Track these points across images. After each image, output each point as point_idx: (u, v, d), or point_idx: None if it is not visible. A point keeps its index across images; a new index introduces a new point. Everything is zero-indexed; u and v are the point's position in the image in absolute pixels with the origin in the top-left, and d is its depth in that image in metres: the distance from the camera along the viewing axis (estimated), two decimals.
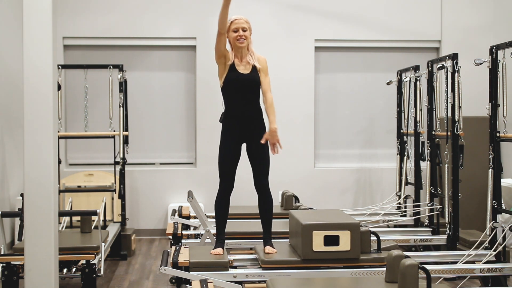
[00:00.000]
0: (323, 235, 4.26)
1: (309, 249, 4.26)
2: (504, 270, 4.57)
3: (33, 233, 3.80)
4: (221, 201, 4.61)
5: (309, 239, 4.25)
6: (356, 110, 7.91)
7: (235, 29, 4.51)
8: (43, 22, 3.77)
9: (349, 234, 4.27)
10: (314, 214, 4.74)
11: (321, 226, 4.28)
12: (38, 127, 3.79)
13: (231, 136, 4.54)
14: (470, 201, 6.72)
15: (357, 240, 4.28)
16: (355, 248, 4.28)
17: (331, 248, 4.26)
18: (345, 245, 4.27)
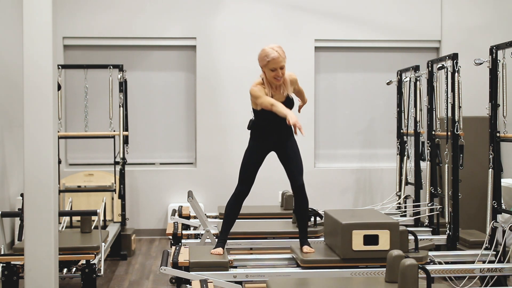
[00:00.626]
0: (362, 235, 4.27)
1: (348, 249, 4.27)
2: (504, 270, 4.57)
3: (33, 233, 3.80)
4: (234, 204, 4.62)
5: (348, 238, 4.26)
6: (356, 110, 7.91)
7: (273, 69, 4.37)
8: (43, 22, 3.77)
9: (388, 233, 4.28)
10: (351, 213, 4.77)
11: (360, 226, 4.29)
12: (38, 127, 3.79)
13: (261, 145, 4.58)
14: (470, 201, 6.72)
15: (396, 239, 4.30)
16: (394, 247, 4.27)
17: (371, 248, 4.27)
18: (385, 245, 4.28)
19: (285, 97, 4.51)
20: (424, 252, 4.44)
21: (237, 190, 4.61)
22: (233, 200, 4.62)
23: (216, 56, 7.60)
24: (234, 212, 4.63)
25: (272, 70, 4.37)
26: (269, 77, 4.42)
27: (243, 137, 7.59)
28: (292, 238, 5.26)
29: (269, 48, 4.37)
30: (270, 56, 4.34)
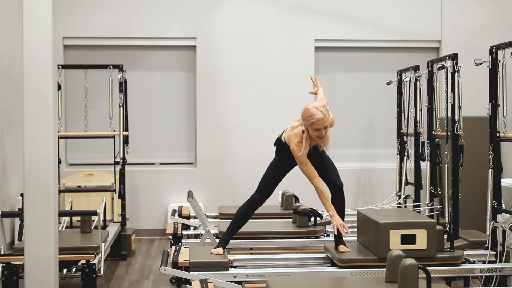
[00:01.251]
0: (399, 234, 4.27)
1: (385, 248, 4.26)
2: (504, 270, 4.57)
3: (33, 233, 3.80)
4: (247, 210, 4.63)
5: (386, 237, 4.27)
6: (356, 110, 7.91)
7: (317, 128, 4.35)
8: (43, 22, 3.78)
9: (425, 233, 4.29)
10: (385, 213, 4.77)
11: (398, 225, 4.29)
12: (38, 127, 3.79)
13: (287, 161, 4.59)
14: (470, 201, 6.72)
15: (433, 238, 4.30)
16: (431, 247, 4.29)
17: (408, 247, 4.26)
18: (422, 244, 4.28)
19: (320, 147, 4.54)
20: (460, 252, 4.45)
21: (253, 198, 4.63)
22: (246, 206, 4.64)
23: (216, 56, 7.60)
24: (244, 218, 4.66)
25: (316, 129, 4.35)
26: (312, 135, 4.41)
27: (243, 137, 7.64)
28: (292, 238, 5.26)
29: (313, 108, 4.32)
30: (315, 117, 4.29)
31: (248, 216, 4.66)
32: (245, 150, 7.61)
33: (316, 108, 4.30)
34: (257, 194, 4.62)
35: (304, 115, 4.34)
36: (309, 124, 4.33)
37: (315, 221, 5.38)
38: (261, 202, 4.64)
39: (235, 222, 4.65)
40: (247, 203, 4.64)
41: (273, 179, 4.62)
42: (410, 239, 4.29)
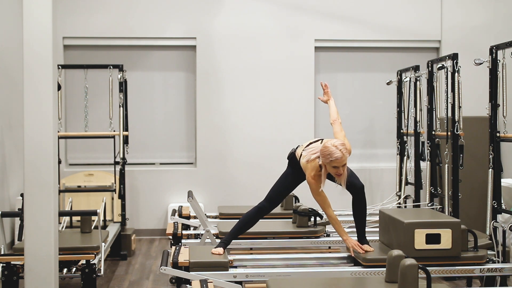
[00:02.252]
0: (425, 233, 4.29)
1: (411, 247, 4.28)
2: (504, 270, 4.57)
3: (33, 233, 3.80)
4: (255, 216, 4.68)
5: (411, 237, 4.28)
6: (356, 110, 7.91)
7: (335, 166, 4.33)
8: (43, 22, 3.77)
9: (450, 232, 4.30)
10: (408, 212, 4.80)
11: (423, 225, 4.31)
12: (38, 127, 3.79)
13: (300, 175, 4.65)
14: (470, 201, 6.72)
15: (458, 238, 4.31)
16: (456, 246, 4.30)
17: (433, 246, 4.28)
18: (447, 243, 4.29)
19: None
20: (484, 251, 4.46)
21: (262, 205, 4.68)
22: (254, 212, 4.69)
23: (216, 56, 7.60)
24: (250, 224, 4.71)
25: (334, 167, 4.34)
26: (330, 171, 4.40)
27: (243, 137, 7.63)
28: (292, 238, 5.26)
29: (333, 146, 4.30)
30: (333, 156, 4.28)
31: (253, 222, 4.71)
32: (245, 150, 7.61)
33: (335, 147, 4.29)
34: (266, 202, 4.69)
35: (323, 153, 4.33)
36: (327, 162, 4.33)
37: (315, 221, 5.38)
38: (269, 211, 4.70)
39: (240, 226, 4.69)
40: (254, 209, 4.69)
41: (283, 191, 4.74)
42: (435, 239, 4.31)
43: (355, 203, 4.63)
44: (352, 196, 4.63)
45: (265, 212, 4.69)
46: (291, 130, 7.65)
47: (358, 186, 4.60)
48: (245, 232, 4.75)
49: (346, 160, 4.34)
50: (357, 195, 4.61)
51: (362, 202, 4.63)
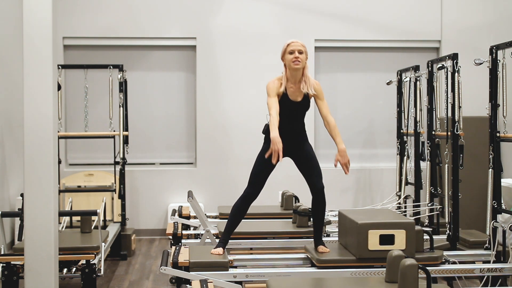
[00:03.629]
0: (378, 234, 4.28)
1: (364, 248, 4.28)
2: (504, 270, 4.57)
3: (33, 233, 3.80)
4: (241, 206, 4.61)
5: (364, 238, 4.27)
6: (356, 110, 7.91)
7: (291, 51, 4.43)
8: (43, 22, 3.78)
9: (404, 233, 4.29)
10: (366, 213, 4.78)
11: (376, 225, 4.30)
12: (38, 127, 3.79)
13: None
14: (470, 201, 6.72)
15: (412, 239, 4.30)
16: (410, 247, 4.29)
17: (386, 247, 4.26)
18: (401, 244, 4.28)
19: (303, 95, 4.49)
20: (439, 252, 4.45)
21: (245, 192, 4.60)
22: (240, 202, 4.61)
23: (216, 56, 7.61)
24: (240, 214, 4.63)
25: (291, 53, 4.42)
26: (288, 63, 4.45)
27: (243, 137, 7.63)
28: (292, 238, 5.27)
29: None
30: (289, 41, 4.45)
31: (243, 212, 4.61)
32: (245, 150, 7.60)
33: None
34: (248, 188, 4.58)
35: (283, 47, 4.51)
36: (284, 50, 4.47)
37: None
38: (254, 196, 4.58)
39: (232, 220, 4.63)
40: (240, 199, 4.60)
41: (263, 170, 4.57)
42: (389, 240, 4.28)
43: (314, 204, 4.61)
44: (312, 197, 4.60)
45: (251, 198, 4.58)
46: None
47: (318, 187, 4.56)
48: (238, 224, 4.65)
49: (302, 48, 4.43)
50: (317, 196, 4.58)
51: (321, 203, 4.59)
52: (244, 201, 4.59)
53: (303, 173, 4.61)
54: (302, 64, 4.43)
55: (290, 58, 4.43)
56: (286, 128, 4.47)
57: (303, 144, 4.58)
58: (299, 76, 4.48)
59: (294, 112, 4.50)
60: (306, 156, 4.57)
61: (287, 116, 4.46)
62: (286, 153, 4.54)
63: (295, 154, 4.59)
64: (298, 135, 4.58)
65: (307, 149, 4.59)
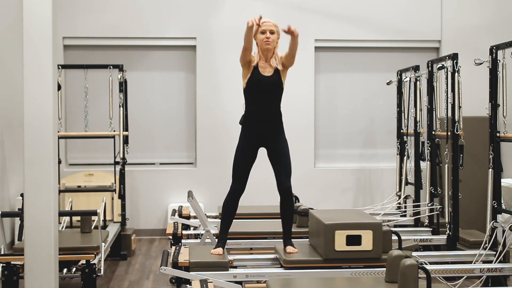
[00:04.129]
0: (345, 235, 4.27)
1: (331, 249, 4.27)
2: (504, 270, 4.57)
3: (33, 233, 3.80)
4: (230, 202, 4.63)
5: (331, 238, 4.27)
6: (356, 110, 7.91)
7: (262, 31, 4.53)
8: (43, 22, 3.77)
9: (371, 233, 4.29)
10: (335, 213, 4.76)
11: (343, 226, 4.29)
12: (38, 127, 3.79)
13: (250, 139, 4.59)
14: (470, 201, 6.72)
15: (379, 239, 4.30)
16: (377, 248, 4.29)
17: (353, 248, 4.27)
18: (367, 245, 4.28)
19: (274, 69, 4.55)
20: (408, 253, 4.43)
21: (231, 189, 4.63)
22: (228, 199, 4.64)
23: (216, 56, 7.60)
24: (231, 211, 4.64)
25: (262, 33, 4.52)
26: (259, 43, 4.55)
27: None
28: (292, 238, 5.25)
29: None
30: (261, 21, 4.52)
31: (233, 209, 4.63)
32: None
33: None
34: (233, 184, 4.63)
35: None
36: (256, 30, 4.53)
37: None
38: (241, 190, 4.62)
39: (224, 219, 4.65)
40: (228, 196, 4.63)
41: (244, 163, 4.62)
42: (356, 240, 4.28)
43: (281, 203, 4.62)
44: (280, 196, 4.61)
45: (238, 194, 4.61)
46: (291, 130, 7.61)
47: (284, 186, 4.56)
48: (231, 222, 4.66)
49: (273, 28, 4.55)
50: (283, 195, 4.58)
51: (288, 202, 4.59)
52: (232, 197, 4.63)
53: (274, 168, 4.62)
54: (273, 44, 4.56)
55: (261, 38, 4.54)
56: (260, 113, 4.52)
57: (279, 137, 4.58)
58: (270, 54, 4.58)
59: (267, 89, 4.51)
60: (279, 153, 4.58)
61: (261, 96, 4.50)
62: (262, 142, 4.58)
63: (270, 146, 4.59)
64: (274, 123, 4.57)
65: (282, 145, 4.58)
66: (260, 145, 4.60)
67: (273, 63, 4.55)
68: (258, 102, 4.52)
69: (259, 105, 4.52)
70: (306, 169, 7.66)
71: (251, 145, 4.60)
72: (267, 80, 4.51)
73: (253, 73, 4.53)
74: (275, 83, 4.53)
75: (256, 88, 4.50)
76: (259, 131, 4.55)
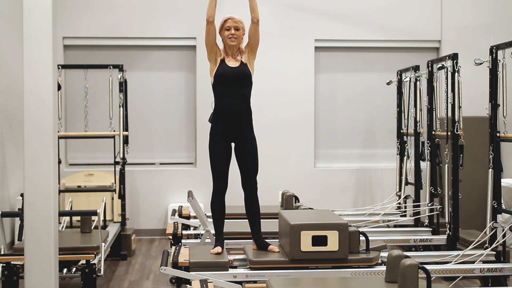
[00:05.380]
0: (311, 235, 4.25)
1: (297, 249, 4.25)
2: (504, 270, 4.57)
3: (33, 233, 3.80)
4: (215, 202, 4.64)
5: (297, 239, 4.25)
6: (356, 110, 7.91)
7: (227, 27, 4.56)
8: (43, 22, 3.77)
9: (337, 234, 4.26)
10: (303, 214, 4.74)
11: (309, 226, 4.27)
12: (38, 127, 3.79)
13: (221, 134, 4.61)
14: (470, 201, 6.72)
15: (345, 240, 4.27)
16: (343, 248, 4.27)
17: (319, 248, 4.25)
18: (333, 245, 4.26)
19: (240, 62, 4.59)
20: (375, 253, 4.41)
21: (214, 188, 4.65)
22: (213, 199, 4.65)
23: None
24: (219, 210, 4.63)
25: (227, 29, 4.54)
26: (224, 39, 4.58)
27: None
28: None
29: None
30: (226, 16, 4.58)
31: (220, 207, 4.62)
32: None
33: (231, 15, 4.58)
34: (214, 183, 4.65)
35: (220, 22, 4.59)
36: (221, 25, 4.57)
37: None
38: (223, 188, 4.62)
39: (215, 218, 4.64)
40: (212, 196, 4.64)
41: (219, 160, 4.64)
42: (322, 241, 4.26)
43: (246, 200, 4.60)
44: (244, 193, 4.60)
45: (221, 191, 4.60)
46: (291, 130, 7.65)
47: (251, 183, 4.56)
48: (224, 220, 4.66)
49: (239, 24, 4.55)
50: (249, 191, 4.57)
51: (253, 199, 4.57)
52: (216, 196, 4.63)
53: (240, 165, 4.62)
54: (238, 40, 4.58)
55: (226, 34, 4.57)
56: (229, 107, 4.54)
57: (248, 132, 4.59)
58: (236, 50, 4.62)
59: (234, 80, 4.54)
60: (247, 151, 4.58)
61: (229, 88, 4.54)
62: (232, 137, 4.60)
63: (239, 142, 4.58)
64: (244, 117, 4.57)
65: (250, 142, 4.59)
66: (231, 140, 4.61)
67: (239, 58, 4.59)
68: (226, 95, 4.53)
69: (228, 98, 4.53)
70: (306, 169, 7.67)
71: (222, 140, 4.60)
72: (234, 71, 4.54)
73: (219, 65, 4.60)
74: (243, 73, 4.55)
75: (224, 80, 4.54)
76: (229, 125, 4.54)
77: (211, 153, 4.65)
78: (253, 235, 4.59)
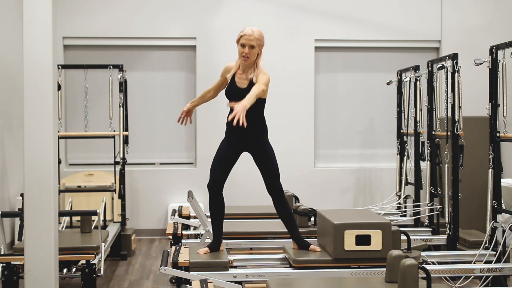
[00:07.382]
0: (354, 235, 4.27)
1: (340, 249, 4.26)
2: (504, 270, 4.57)
3: (33, 233, 3.80)
4: (209, 201, 4.68)
5: (340, 238, 4.26)
6: (356, 110, 7.91)
7: (242, 44, 4.42)
8: (43, 22, 3.77)
9: (380, 233, 4.28)
10: (344, 213, 4.75)
11: (353, 226, 4.29)
12: (38, 127, 3.79)
13: (231, 142, 4.56)
14: (470, 201, 6.72)
15: (388, 239, 4.29)
16: (386, 248, 4.27)
17: (363, 248, 4.26)
18: (377, 245, 4.27)
19: (249, 81, 4.45)
20: (417, 252, 4.44)
21: (208, 187, 4.66)
22: (210, 197, 4.68)
23: (216, 56, 7.60)
24: (215, 210, 4.64)
25: (242, 46, 4.41)
26: (239, 54, 4.46)
27: None
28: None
29: (248, 27, 4.43)
30: (243, 31, 4.42)
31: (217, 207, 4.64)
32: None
33: (250, 28, 4.42)
34: (210, 182, 4.67)
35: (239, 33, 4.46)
36: (238, 39, 4.44)
37: (315, 221, 5.38)
38: (216, 188, 4.62)
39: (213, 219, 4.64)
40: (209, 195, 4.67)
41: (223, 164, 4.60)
42: (365, 240, 4.27)
43: (276, 205, 4.58)
44: (272, 199, 4.58)
45: (214, 191, 4.61)
46: (291, 130, 7.65)
47: (275, 187, 4.54)
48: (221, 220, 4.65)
49: (254, 43, 4.36)
50: (275, 196, 4.56)
51: (282, 203, 4.56)
52: (210, 197, 4.67)
53: (261, 172, 4.59)
54: (251, 60, 4.42)
55: (240, 51, 4.44)
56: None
57: (263, 142, 4.51)
58: (251, 65, 4.48)
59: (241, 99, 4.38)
60: (264, 159, 4.53)
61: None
62: (244, 147, 4.54)
63: (254, 151, 4.54)
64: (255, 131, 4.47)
65: (265, 149, 4.52)
66: (242, 149, 4.54)
67: (250, 75, 4.45)
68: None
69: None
70: (306, 169, 7.67)
71: (232, 147, 4.55)
72: (241, 93, 4.37)
73: (229, 84, 4.52)
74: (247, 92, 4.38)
75: (231, 99, 4.40)
76: (240, 138, 4.48)
77: (217, 156, 4.64)
78: (291, 235, 4.59)
